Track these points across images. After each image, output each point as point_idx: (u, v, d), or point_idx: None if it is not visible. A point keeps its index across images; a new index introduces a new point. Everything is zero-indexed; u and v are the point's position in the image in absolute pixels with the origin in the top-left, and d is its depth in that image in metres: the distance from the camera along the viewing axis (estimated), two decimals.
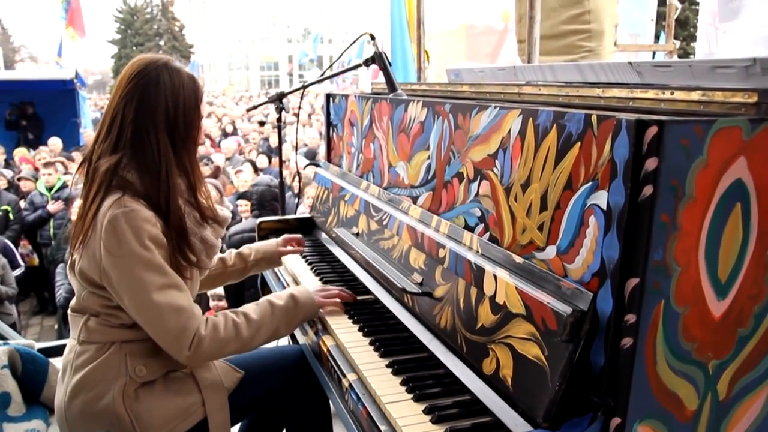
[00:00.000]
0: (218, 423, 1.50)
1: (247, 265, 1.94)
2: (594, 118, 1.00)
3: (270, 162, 6.92)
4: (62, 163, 6.39)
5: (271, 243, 2.02)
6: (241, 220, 4.67)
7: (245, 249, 1.97)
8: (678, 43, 3.62)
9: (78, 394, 1.42)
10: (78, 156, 7.11)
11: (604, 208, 0.97)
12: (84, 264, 1.42)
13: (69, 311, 1.51)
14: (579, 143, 1.03)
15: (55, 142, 8.38)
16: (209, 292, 3.97)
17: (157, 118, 1.42)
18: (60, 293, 4.04)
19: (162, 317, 1.36)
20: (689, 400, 1.02)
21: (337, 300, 1.71)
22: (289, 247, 2.04)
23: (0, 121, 9.78)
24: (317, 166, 2.75)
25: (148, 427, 1.42)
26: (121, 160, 1.42)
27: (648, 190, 0.91)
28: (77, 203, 4.56)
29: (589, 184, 1.01)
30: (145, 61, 1.47)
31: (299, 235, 2.10)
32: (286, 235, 2.07)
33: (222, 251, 1.88)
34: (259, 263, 1.97)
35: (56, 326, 4.77)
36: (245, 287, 4.02)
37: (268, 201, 4.69)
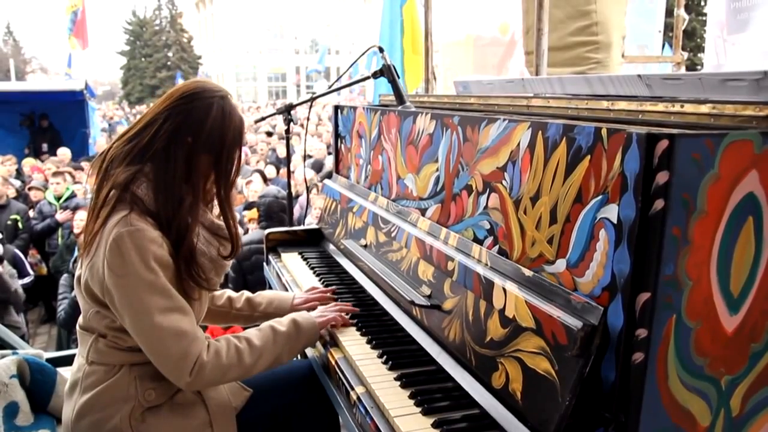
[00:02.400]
0: None
1: (253, 314, 1.81)
2: (604, 132, 0.99)
3: (278, 172, 6.95)
4: (70, 173, 6.43)
5: (287, 298, 1.85)
6: (248, 231, 4.68)
7: (258, 297, 1.83)
8: (686, 55, 3.62)
9: (85, 414, 1.41)
10: (87, 166, 7.17)
11: (615, 221, 0.97)
12: (88, 278, 1.39)
13: (77, 327, 1.49)
14: (589, 156, 1.03)
15: (64, 152, 8.45)
16: None
17: (200, 137, 1.41)
18: (62, 308, 4.03)
19: (163, 341, 1.33)
20: (702, 417, 1.01)
21: (338, 317, 1.66)
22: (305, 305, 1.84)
23: (9, 131, 9.87)
24: (327, 177, 2.76)
25: None
26: (138, 174, 1.39)
27: (659, 203, 0.90)
28: (79, 215, 4.56)
29: (600, 197, 1.01)
30: (206, 85, 1.47)
31: (326, 295, 1.88)
32: (308, 295, 1.87)
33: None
34: (268, 317, 1.75)
35: (55, 334, 4.76)
36: None
37: (276, 212, 4.70)
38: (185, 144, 1.40)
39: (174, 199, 1.39)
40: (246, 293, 1.84)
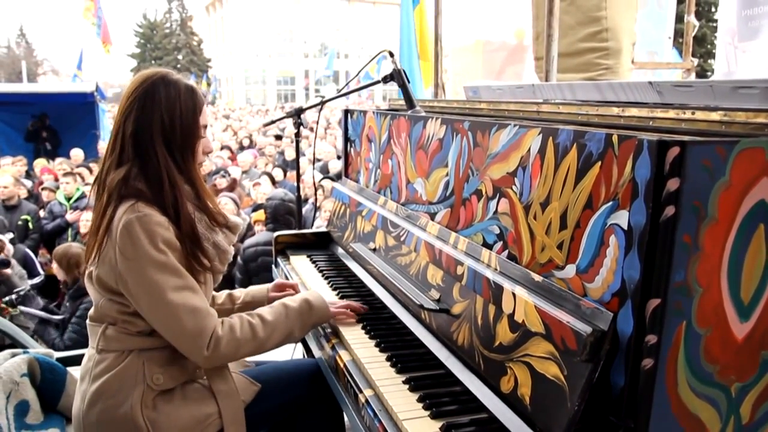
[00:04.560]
0: None
1: (233, 307, 1.83)
2: (615, 138, 1.00)
3: (285, 175, 6.97)
4: (80, 174, 6.49)
5: (262, 288, 1.91)
6: (255, 233, 4.69)
7: (236, 291, 1.89)
8: (696, 61, 3.60)
9: (96, 402, 1.43)
10: (95, 167, 7.24)
11: (625, 227, 0.97)
12: (101, 271, 1.44)
13: (88, 321, 1.53)
14: (599, 163, 1.03)
15: (77, 153, 8.51)
16: None
17: (153, 130, 1.46)
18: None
19: (179, 318, 1.39)
20: (711, 424, 1.01)
21: (349, 311, 1.72)
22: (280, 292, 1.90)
23: (21, 133, 9.97)
24: (331, 179, 2.76)
25: None
26: (130, 172, 1.46)
27: (669, 210, 0.91)
28: (85, 216, 4.57)
29: (610, 203, 1.01)
30: (143, 76, 1.52)
31: (295, 283, 1.99)
32: (279, 281, 1.96)
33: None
34: (246, 306, 1.83)
35: None
36: None
37: (282, 215, 4.71)
38: (148, 138, 1.46)
39: (166, 189, 1.45)
40: (226, 291, 1.88)
